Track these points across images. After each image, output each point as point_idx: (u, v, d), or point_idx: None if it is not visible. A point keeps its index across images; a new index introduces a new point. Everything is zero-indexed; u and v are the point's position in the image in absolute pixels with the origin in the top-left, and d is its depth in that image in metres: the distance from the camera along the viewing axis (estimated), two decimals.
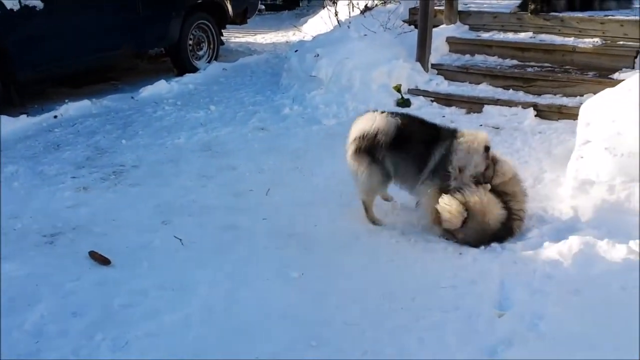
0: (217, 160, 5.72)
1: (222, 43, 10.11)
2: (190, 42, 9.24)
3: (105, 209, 4.70)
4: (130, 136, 6.46)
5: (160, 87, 8.20)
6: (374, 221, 4.35)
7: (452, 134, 4.15)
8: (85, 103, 7.49)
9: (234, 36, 12.29)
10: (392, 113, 4.27)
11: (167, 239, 4.20)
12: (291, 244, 4.11)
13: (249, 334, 3.16)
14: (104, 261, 3.87)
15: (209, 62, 9.57)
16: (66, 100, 7.53)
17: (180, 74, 8.98)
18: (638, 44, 6.64)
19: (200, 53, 9.56)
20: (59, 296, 3.52)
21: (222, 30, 10.05)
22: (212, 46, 9.68)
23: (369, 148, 4.15)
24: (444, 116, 6.64)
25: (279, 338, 3.11)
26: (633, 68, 6.36)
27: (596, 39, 6.94)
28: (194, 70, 9.16)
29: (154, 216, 4.59)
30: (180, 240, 4.16)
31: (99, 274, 3.76)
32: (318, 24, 10.79)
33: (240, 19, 10.30)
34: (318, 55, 7.58)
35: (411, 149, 4.14)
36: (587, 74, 6.55)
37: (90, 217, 4.55)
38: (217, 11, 9.65)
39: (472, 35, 7.73)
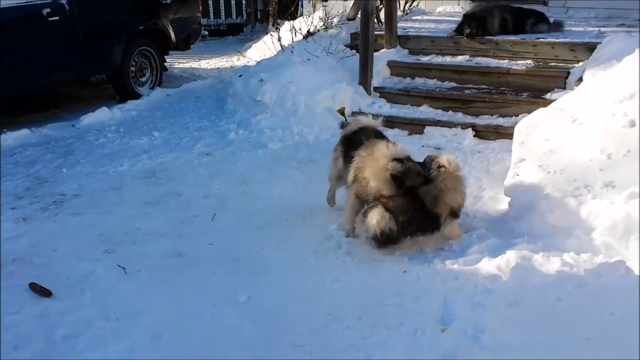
0: (161, 187, 5.67)
1: (166, 69, 10.06)
2: (133, 68, 9.16)
3: (46, 240, 4.59)
4: (72, 165, 6.34)
5: (102, 114, 8.08)
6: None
7: None
8: (24, 132, 7.31)
9: (177, 62, 12.24)
10: None
11: (110, 268, 4.13)
12: (238, 268, 4.11)
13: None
14: (44, 293, 3.77)
15: (152, 88, 9.49)
16: (4, 130, 7.32)
17: (123, 100, 8.86)
18: (568, 65, 6.96)
19: (143, 79, 9.48)
20: None
21: (165, 56, 10.00)
22: (155, 72, 9.62)
23: None
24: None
25: None
26: (564, 88, 6.65)
27: (529, 61, 7.24)
28: (137, 96, 9.06)
29: (96, 245, 4.51)
30: (124, 268, 4.10)
31: (40, 306, 3.66)
32: (262, 49, 10.87)
33: (183, 45, 10.26)
34: (262, 80, 7.64)
35: None
36: (521, 95, 6.82)
37: (30, 248, 4.44)
38: (160, 37, 9.61)
39: (412, 59, 7.94)
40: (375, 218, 4.05)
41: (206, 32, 12.25)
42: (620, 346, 2.63)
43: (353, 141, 4.63)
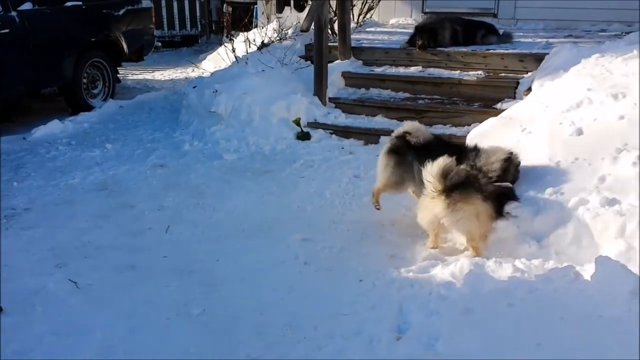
0: (114, 200, 5.56)
1: (119, 81, 9.90)
2: (85, 80, 8.98)
3: None
4: (22, 178, 6.16)
5: (54, 126, 7.89)
6: None
7: None
8: None
9: (131, 73, 12.07)
10: None
11: (61, 282, 4.03)
12: (192, 281, 4.05)
13: None
14: None
15: (105, 100, 9.32)
16: None
17: (75, 112, 8.67)
18: (518, 75, 7.14)
19: (96, 91, 9.30)
20: None
21: (118, 68, 9.85)
22: (107, 84, 9.45)
23: None
24: (343, 147, 6.82)
25: None
26: (514, 98, 6.81)
27: (480, 72, 7.39)
28: (89, 108, 8.89)
29: (47, 260, 4.39)
30: (76, 283, 4.00)
31: None
32: (216, 60, 10.81)
33: (136, 56, 10.14)
34: (217, 91, 7.59)
35: None
36: (473, 105, 6.95)
37: None
38: (112, 49, 9.46)
39: (366, 70, 8.02)
40: None
41: (160, 44, 12.13)
42: (571, 350, 2.68)
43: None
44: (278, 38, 9.16)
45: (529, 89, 6.43)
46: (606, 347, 2.61)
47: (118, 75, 9.84)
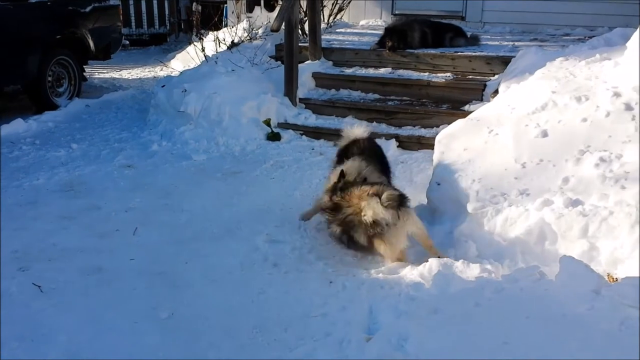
0: (79, 201, 5.46)
1: (85, 79, 9.75)
2: (50, 78, 8.81)
3: None
4: None
5: (17, 126, 7.72)
6: None
7: None
8: None
9: (97, 72, 11.90)
10: None
11: (24, 286, 3.94)
12: (161, 283, 4.00)
13: None
14: None
15: (71, 98, 9.16)
16: None
17: (39, 111, 8.50)
18: (485, 77, 7.23)
19: (61, 90, 9.13)
20: None
21: (85, 66, 9.69)
22: (73, 82, 9.29)
23: None
24: (313, 148, 6.84)
25: None
26: (482, 100, 6.90)
27: (448, 74, 7.48)
28: (54, 107, 8.72)
29: (10, 263, 4.28)
30: (39, 286, 3.92)
31: None
32: (185, 59, 10.73)
33: (103, 55, 9.98)
34: (186, 90, 7.53)
35: None
36: (441, 107, 7.03)
37: None
38: (78, 47, 9.30)
39: (336, 70, 8.05)
40: None
41: (127, 42, 11.98)
42: (537, 348, 2.72)
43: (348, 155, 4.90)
44: (248, 38, 9.13)
45: (496, 91, 6.52)
46: (569, 344, 2.66)
47: (84, 74, 9.69)
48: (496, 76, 7.07)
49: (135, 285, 3.97)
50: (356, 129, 5.19)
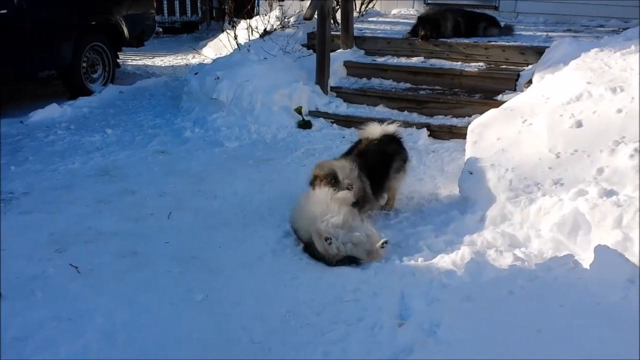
0: (114, 185, 5.56)
1: (118, 66, 9.86)
2: (84, 64, 8.94)
3: None
4: (20, 162, 6.14)
5: (52, 110, 7.86)
6: None
7: None
8: None
9: (131, 59, 12.02)
10: None
11: (61, 267, 4.02)
12: (194, 267, 4.06)
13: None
14: None
15: (105, 85, 9.28)
16: None
17: (74, 97, 8.62)
18: (518, 67, 7.15)
19: (95, 76, 9.26)
20: None
21: (118, 53, 9.80)
22: (107, 69, 9.40)
23: None
24: (344, 137, 6.83)
25: None
26: (515, 90, 6.83)
27: (481, 64, 7.41)
28: (88, 93, 8.85)
29: (47, 245, 4.38)
30: (76, 268, 4.00)
31: None
32: (218, 47, 10.79)
33: (136, 42, 10.07)
34: (218, 78, 7.59)
35: None
36: (474, 96, 6.97)
37: None
38: (113, 33, 9.40)
39: (368, 59, 8.03)
40: None
41: (160, 29, 12.08)
42: (570, 337, 2.71)
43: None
44: (280, 26, 9.14)
45: (530, 82, 6.45)
46: (603, 334, 2.65)
47: (118, 60, 9.79)
48: (530, 66, 6.99)
49: (169, 268, 4.04)
50: (371, 127, 5.02)
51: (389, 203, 4.98)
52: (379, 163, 4.80)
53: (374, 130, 4.95)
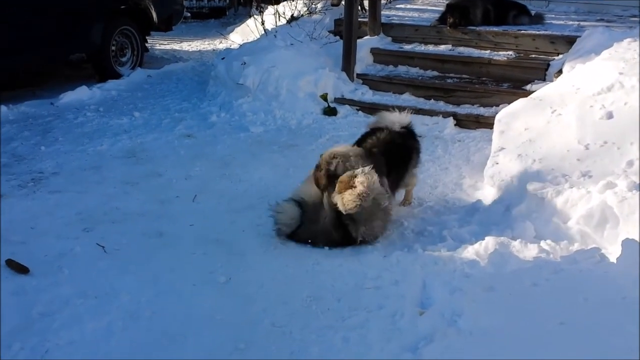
0: (141, 167, 5.63)
1: (147, 50, 9.95)
2: (113, 47, 9.03)
3: (24, 217, 4.53)
4: (50, 143, 6.26)
5: (82, 93, 7.97)
6: None
7: None
8: (1, 109, 7.15)
9: (159, 43, 12.11)
10: None
11: (88, 246, 4.10)
12: (218, 250, 4.10)
13: (175, 339, 3.14)
14: (21, 270, 3.73)
15: (133, 68, 9.38)
16: None
17: (102, 80, 8.74)
18: (548, 57, 7.04)
19: (124, 59, 9.36)
20: None
21: (147, 37, 9.88)
22: (135, 52, 9.49)
23: None
24: None
25: (206, 342, 3.11)
26: (544, 80, 6.73)
27: (510, 52, 7.31)
28: (117, 76, 8.95)
29: (74, 223, 4.47)
30: (103, 247, 4.08)
31: (16, 283, 3.61)
32: (245, 32, 10.80)
33: (165, 26, 10.15)
34: (245, 63, 7.60)
35: None
36: (502, 85, 6.89)
37: (7, 225, 4.36)
38: (141, 17, 9.49)
39: (395, 46, 7.97)
40: None
41: (189, 14, 12.14)
42: (594, 331, 2.69)
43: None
44: (308, 12, 9.13)
45: (560, 71, 6.34)
46: (629, 328, 2.61)
47: (146, 45, 9.87)
48: (560, 56, 6.87)
49: (193, 250, 4.09)
50: (387, 117, 4.76)
51: (407, 198, 4.83)
52: (397, 157, 4.53)
53: (390, 121, 4.68)
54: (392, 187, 4.43)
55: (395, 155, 4.50)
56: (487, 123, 6.17)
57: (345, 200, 3.98)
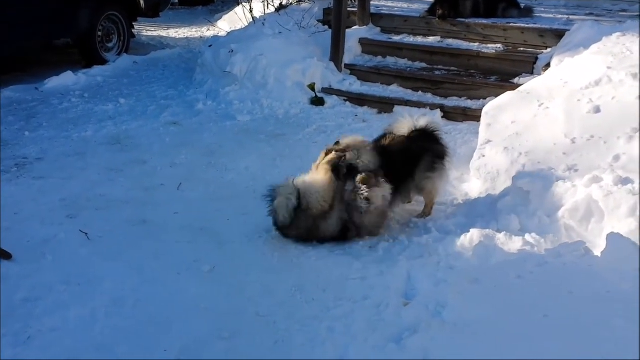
0: (126, 154, 5.59)
1: (133, 36, 9.84)
2: (100, 33, 8.92)
3: (7, 203, 4.48)
4: (34, 128, 6.19)
5: (67, 78, 7.89)
6: None
7: None
8: None
9: (145, 29, 11.99)
10: None
11: (72, 233, 4.07)
12: (203, 238, 4.09)
13: (159, 327, 3.13)
14: (4, 255, 3.69)
15: (119, 54, 9.28)
16: None
17: (89, 65, 8.65)
18: (537, 50, 7.05)
19: (110, 45, 9.25)
20: None
21: (134, 23, 9.78)
22: (122, 38, 9.39)
23: None
24: (356, 115, 6.80)
25: (190, 330, 3.10)
26: (532, 73, 6.73)
27: (499, 45, 7.31)
28: (103, 62, 8.85)
29: (58, 210, 4.44)
30: (86, 234, 4.04)
31: None
32: (233, 20, 10.71)
33: (152, 12, 10.05)
34: (232, 51, 7.54)
35: None
36: (490, 78, 6.89)
37: None
38: (129, 3, 9.39)
39: (384, 37, 7.94)
40: None
41: (176, 0, 12.01)
42: (578, 324, 2.70)
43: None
44: (297, 0, 9.06)
45: (548, 65, 6.35)
46: (613, 322, 2.63)
47: (133, 31, 9.77)
48: (549, 49, 6.88)
49: (178, 238, 4.07)
50: (400, 122, 4.56)
51: (425, 209, 4.46)
52: (402, 161, 4.29)
53: (402, 126, 4.48)
54: (395, 191, 4.20)
55: (396, 158, 4.28)
56: (474, 116, 6.16)
57: (377, 196, 3.98)
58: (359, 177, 4.00)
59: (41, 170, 5.15)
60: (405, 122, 4.53)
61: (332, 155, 4.13)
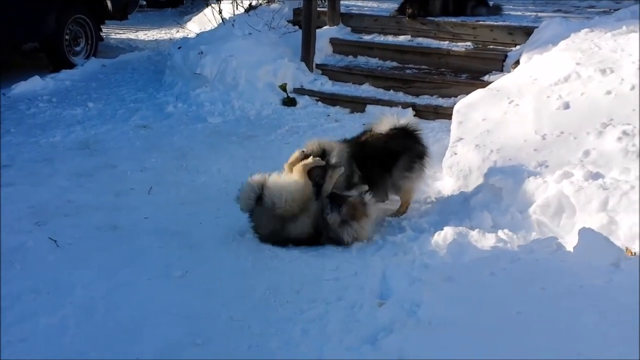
0: (95, 159, 5.50)
1: (101, 39, 9.72)
2: (67, 37, 8.78)
3: None
4: (1, 134, 6.06)
5: (34, 83, 7.76)
6: None
7: None
8: None
9: (114, 32, 11.84)
10: None
11: (41, 240, 3.98)
12: (174, 243, 4.03)
13: (130, 334, 3.06)
14: None
15: (87, 58, 9.15)
16: None
17: (56, 69, 8.51)
18: (506, 48, 7.11)
19: (78, 49, 9.12)
20: None
21: (101, 26, 9.65)
22: (90, 42, 9.26)
23: None
24: (329, 115, 6.79)
25: (162, 336, 3.04)
26: (502, 71, 6.79)
27: (469, 43, 7.36)
28: (71, 66, 8.72)
29: (26, 217, 4.34)
30: (55, 241, 3.95)
31: None
32: (202, 21, 10.64)
33: (120, 15, 9.93)
34: (202, 52, 7.48)
35: None
36: (460, 76, 6.93)
37: None
38: (96, 6, 9.27)
39: (355, 37, 7.95)
40: None
41: (144, 2, 11.90)
42: (551, 320, 2.71)
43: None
44: (266, 1, 9.02)
45: (517, 62, 6.41)
46: (586, 317, 2.65)
47: (101, 34, 9.65)
48: (518, 47, 6.94)
49: (149, 243, 4.00)
50: (381, 120, 4.52)
51: (400, 208, 4.46)
52: (379, 158, 4.29)
53: (383, 124, 4.44)
54: (372, 189, 4.21)
55: (373, 155, 4.30)
56: (445, 114, 6.19)
57: (365, 230, 3.98)
58: (344, 209, 3.93)
59: (9, 177, 5.03)
60: (386, 120, 4.49)
61: (310, 160, 4.08)
